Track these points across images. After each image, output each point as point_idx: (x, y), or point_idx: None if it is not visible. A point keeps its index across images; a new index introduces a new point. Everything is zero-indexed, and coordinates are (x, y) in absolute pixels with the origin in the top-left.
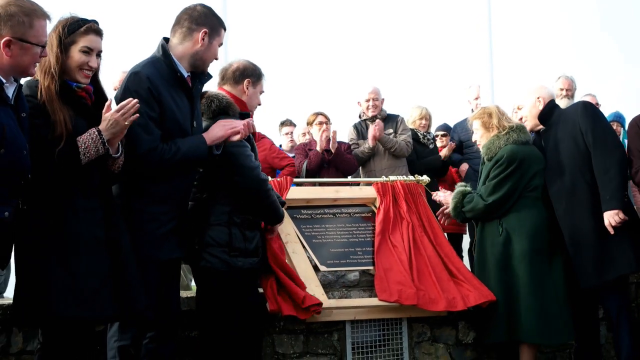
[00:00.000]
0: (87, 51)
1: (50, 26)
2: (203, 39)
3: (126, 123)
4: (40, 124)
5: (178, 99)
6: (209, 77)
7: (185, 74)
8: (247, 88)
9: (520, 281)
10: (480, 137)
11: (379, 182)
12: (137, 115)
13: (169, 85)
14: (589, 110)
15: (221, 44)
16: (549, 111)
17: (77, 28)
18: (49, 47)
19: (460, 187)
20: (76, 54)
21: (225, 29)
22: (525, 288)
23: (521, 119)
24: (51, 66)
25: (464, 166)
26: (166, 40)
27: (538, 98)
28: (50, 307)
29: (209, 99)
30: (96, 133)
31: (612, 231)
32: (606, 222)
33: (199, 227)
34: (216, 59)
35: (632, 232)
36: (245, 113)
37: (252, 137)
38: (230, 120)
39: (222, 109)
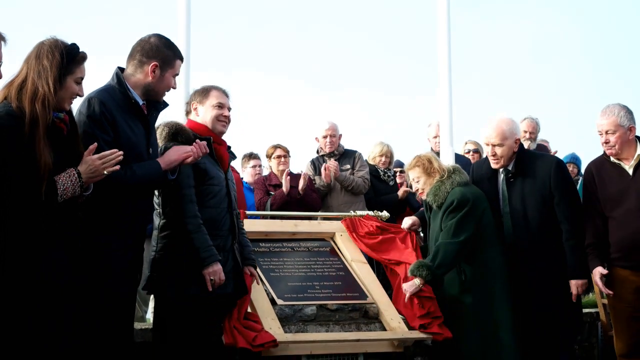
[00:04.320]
0: (79, 82)
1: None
2: (153, 72)
3: (105, 172)
4: (19, 158)
5: (133, 126)
6: (165, 105)
7: (140, 102)
8: (195, 108)
9: (500, 323)
10: (423, 184)
11: (347, 218)
12: (118, 167)
13: (124, 112)
14: (563, 173)
15: (176, 75)
16: (521, 153)
17: (74, 56)
18: (41, 74)
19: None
20: (71, 85)
21: (181, 60)
22: (506, 331)
23: (494, 155)
24: (46, 97)
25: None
26: (122, 69)
27: (516, 140)
28: None
29: (160, 127)
30: (75, 175)
31: (574, 299)
32: (574, 291)
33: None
34: (173, 88)
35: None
36: (207, 137)
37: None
38: (184, 147)
39: (171, 135)
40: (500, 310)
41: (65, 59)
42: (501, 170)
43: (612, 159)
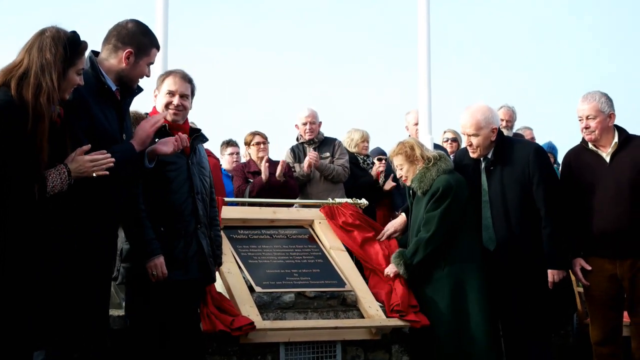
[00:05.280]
0: (81, 72)
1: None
2: (127, 58)
3: (94, 175)
4: (17, 151)
5: (106, 111)
6: (140, 90)
7: (113, 87)
8: (155, 95)
9: (475, 311)
10: (406, 172)
11: (326, 205)
12: (107, 172)
13: (97, 98)
14: (541, 160)
15: (151, 63)
16: (500, 141)
17: (77, 48)
18: (44, 69)
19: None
20: (73, 77)
21: (157, 48)
22: (481, 319)
23: (470, 145)
24: (50, 93)
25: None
26: (96, 53)
27: (493, 129)
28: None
29: None
30: (65, 173)
31: (551, 287)
32: (550, 279)
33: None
34: (147, 76)
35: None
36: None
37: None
38: (149, 118)
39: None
40: (474, 298)
41: (69, 51)
42: (482, 159)
43: (590, 145)
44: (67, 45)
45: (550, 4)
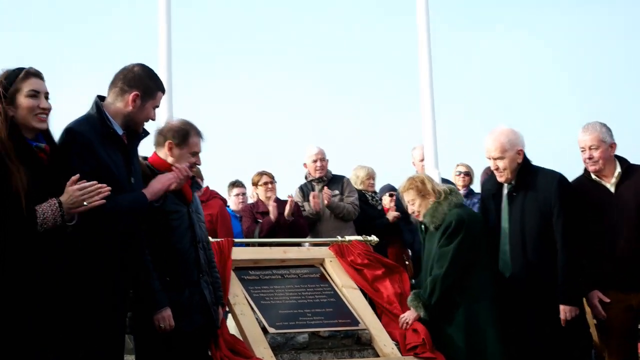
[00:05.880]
0: (34, 94)
1: None
2: (134, 101)
3: (85, 204)
4: None
5: (113, 156)
6: (146, 133)
7: (120, 132)
8: (171, 149)
9: (489, 346)
10: (418, 207)
11: (335, 244)
12: (100, 201)
13: (103, 142)
14: (565, 190)
15: (156, 107)
16: (524, 167)
17: (16, 76)
18: None
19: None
20: (24, 100)
21: (163, 92)
22: (495, 354)
23: (497, 169)
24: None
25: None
26: (101, 98)
27: (518, 151)
28: None
29: None
30: (56, 205)
31: (564, 324)
32: (562, 316)
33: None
34: (152, 119)
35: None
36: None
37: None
38: (167, 175)
39: None
40: (490, 333)
41: (7, 80)
42: (506, 185)
43: (592, 176)
44: (6, 75)
45: (551, 43)
